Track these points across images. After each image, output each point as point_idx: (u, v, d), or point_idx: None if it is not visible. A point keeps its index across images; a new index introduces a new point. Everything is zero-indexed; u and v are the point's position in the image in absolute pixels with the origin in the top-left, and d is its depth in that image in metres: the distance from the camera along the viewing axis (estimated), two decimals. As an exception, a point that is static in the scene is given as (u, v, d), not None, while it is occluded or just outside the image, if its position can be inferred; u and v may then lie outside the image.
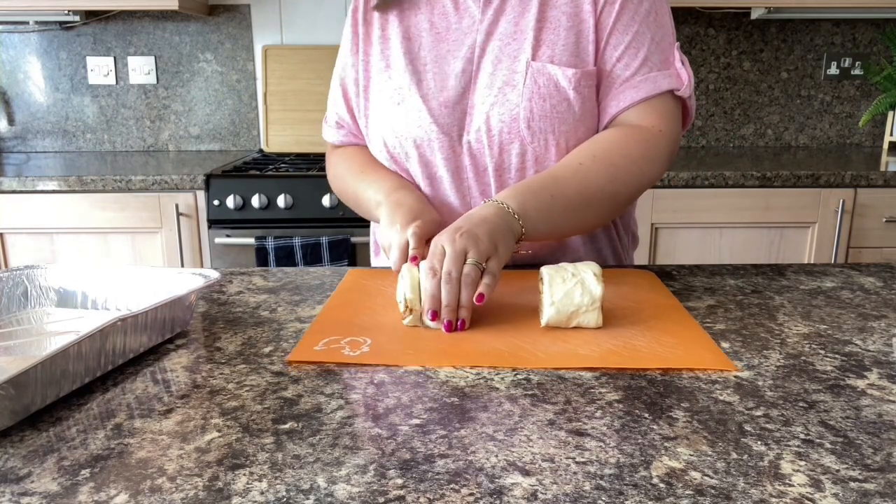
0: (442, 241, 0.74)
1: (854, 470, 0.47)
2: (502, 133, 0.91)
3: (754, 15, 2.42)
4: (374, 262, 1.12)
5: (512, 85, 0.90)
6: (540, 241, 0.92)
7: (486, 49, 0.92)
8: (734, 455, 0.49)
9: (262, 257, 1.99)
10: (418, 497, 0.44)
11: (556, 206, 0.83)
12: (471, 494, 0.44)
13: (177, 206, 2.01)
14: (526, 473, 0.47)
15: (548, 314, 0.71)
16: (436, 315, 0.71)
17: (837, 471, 0.47)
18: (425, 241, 0.79)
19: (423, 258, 0.76)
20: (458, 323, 0.72)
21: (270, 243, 1.98)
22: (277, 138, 2.51)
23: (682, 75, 0.91)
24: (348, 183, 1.02)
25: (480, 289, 0.72)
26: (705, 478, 0.46)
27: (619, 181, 0.88)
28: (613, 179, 0.87)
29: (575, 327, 0.72)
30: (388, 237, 0.84)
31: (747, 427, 0.53)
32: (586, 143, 0.90)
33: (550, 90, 0.89)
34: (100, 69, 2.52)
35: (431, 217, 0.86)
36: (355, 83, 1.00)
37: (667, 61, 0.92)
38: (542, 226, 0.83)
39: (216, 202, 2.00)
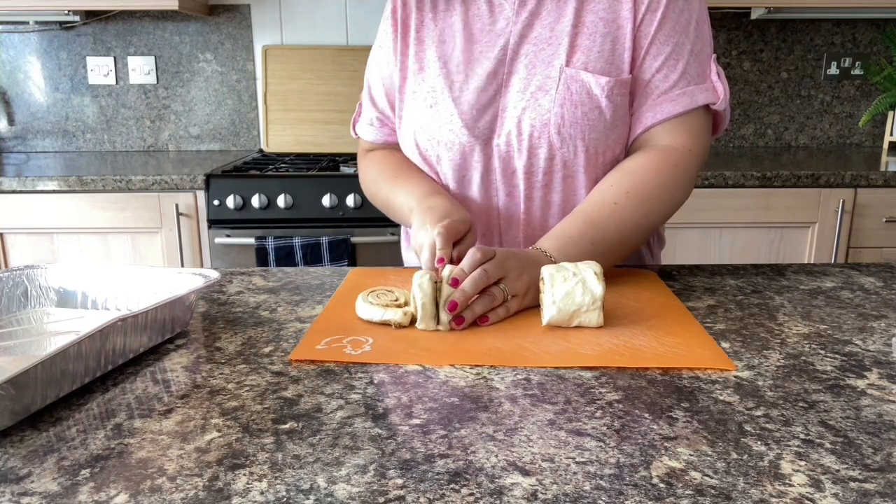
0: (493, 252, 0.77)
1: (854, 470, 0.47)
2: (532, 137, 0.91)
3: (754, 15, 2.42)
4: (407, 262, 1.13)
5: (545, 90, 0.90)
6: None
7: (518, 52, 0.92)
8: (734, 455, 0.49)
9: (262, 257, 1.99)
10: (418, 497, 0.44)
11: (597, 252, 0.85)
12: (471, 494, 0.44)
13: (177, 206, 2.01)
14: (526, 473, 0.47)
15: (549, 313, 0.71)
16: (455, 305, 0.72)
17: (837, 471, 0.47)
18: (453, 240, 0.80)
19: (449, 260, 0.77)
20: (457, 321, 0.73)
21: (270, 243, 1.98)
22: (277, 138, 2.51)
23: (717, 89, 0.92)
24: (381, 188, 1.01)
25: (490, 313, 0.75)
26: (705, 478, 0.46)
27: (654, 213, 0.90)
28: (648, 213, 0.89)
29: (576, 327, 0.72)
30: (419, 239, 0.84)
31: (747, 427, 0.53)
32: (617, 175, 0.90)
33: (583, 97, 0.89)
34: (100, 69, 2.52)
35: (461, 216, 0.84)
36: (396, 83, 0.99)
37: (704, 74, 0.92)
38: None
39: (216, 202, 2.00)
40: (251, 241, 1.99)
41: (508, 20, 0.93)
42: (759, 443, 0.51)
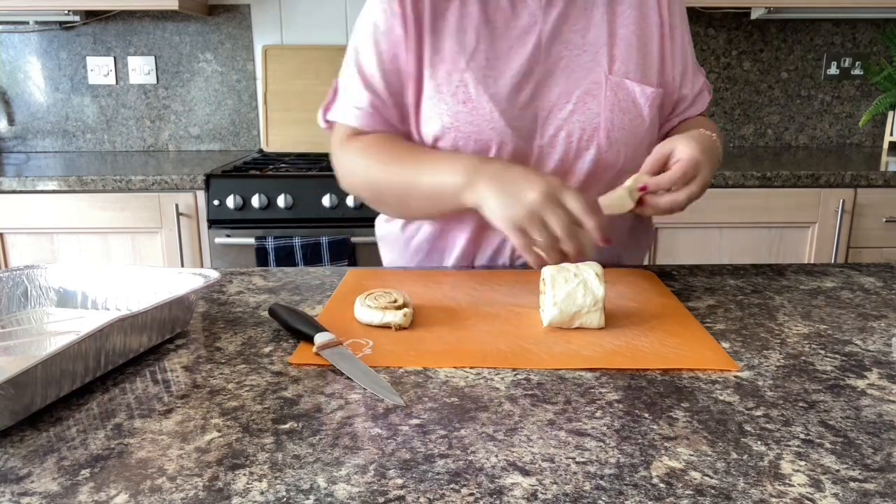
0: (698, 167, 0.83)
1: (854, 470, 0.47)
2: (581, 140, 0.92)
3: (754, 15, 2.42)
4: (388, 263, 1.10)
5: (592, 95, 0.92)
6: None
7: (551, 53, 0.92)
8: (734, 455, 0.49)
9: (262, 257, 1.99)
10: (418, 497, 0.44)
11: (712, 166, 0.88)
12: (471, 494, 0.44)
13: (177, 206, 2.01)
14: (526, 473, 0.47)
15: (550, 315, 0.71)
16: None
17: (837, 471, 0.47)
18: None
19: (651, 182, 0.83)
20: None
21: (270, 243, 1.98)
22: (277, 138, 2.51)
23: (705, 80, 1.04)
24: (390, 173, 0.91)
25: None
26: (705, 478, 0.46)
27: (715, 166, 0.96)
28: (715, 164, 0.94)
29: (577, 328, 0.72)
30: (542, 205, 0.75)
31: (747, 427, 0.53)
32: (700, 120, 0.99)
33: (629, 104, 0.92)
34: (100, 69, 2.52)
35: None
36: (405, 70, 0.93)
37: (699, 69, 1.03)
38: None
39: (216, 202, 2.00)
40: (251, 241, 1.99)
41: (535, 18, 0.92)
42: (759, 443, 0.51)
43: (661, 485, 0.45)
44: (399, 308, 0.73)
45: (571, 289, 0.70)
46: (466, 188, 0.82)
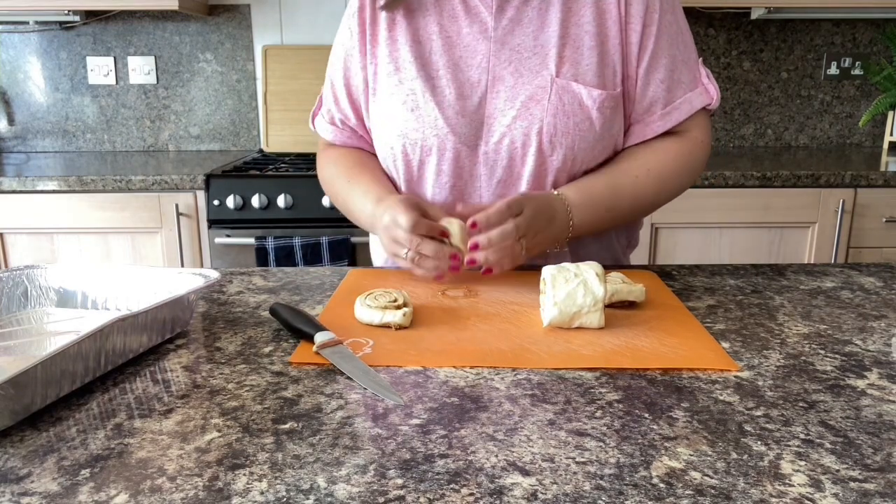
0: (522, 207, 0.83)
1: (854, 470, 0.47)
2: (525, 145, 0.91)
3: (754, 15, 2.42)
4: (377, 263, 1.12)
5: (536, 99, 0.90)
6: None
7: (501, 58, 0.92)
8: (734, 455, 0.49)
9: (262, 257, 1.99)
10: (418, 497, 0.44)
11: (606, 218, 0.92)
12: (471, 494, 0.44)
13: (177, 206, 2.01)
14: (526, 473, 0.47)
15: (550, 315, 0.71)
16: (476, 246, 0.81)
17: (837, 471, 0.47)
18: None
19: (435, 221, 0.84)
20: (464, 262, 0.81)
21: (270, 243, 1.98)
22: (277, 138, 2.51)
23: (710, 90, 0.96)
24: (339, 188, 1.01)
25: (496, 266, 0.82)
26: (705, 478, 0.46)
27: (664, 193, 0.96)
28: (660, 192, 0.95)
29: (577, 328, 0.72)
30: (389, 231, 0.85)
31: (747, 427, 0.53)
32: (643, 151, 0.95)
33: (574, 108, 0.90)
34: (100, 69, 2.52)
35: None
36: (364, 83, 0.98)
37: (696, 79, 0.96)
38: (585, 232, 0.92)
39: (216, 202, 2.00)
40: (251, 241, 1.99)
41: (486, 25, 0.92)
42: (759, 443, 0.51)
43: (661, 485, 0.45)
44: (399, 308, 0.73)
45: (571, 289, 0.70)
46: (373, 220, 0.92)
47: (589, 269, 0.72)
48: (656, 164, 0.93)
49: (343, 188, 1.00)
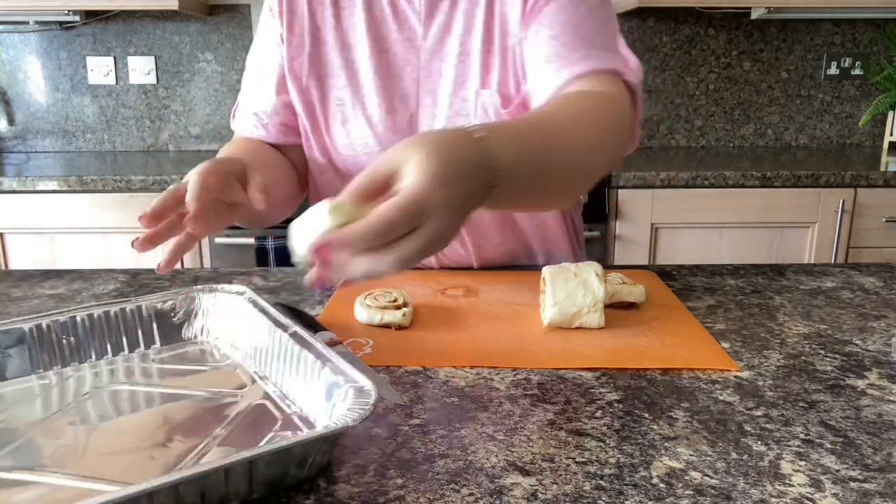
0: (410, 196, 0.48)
1: (854, 470, 0.47)
2: None
3: (754, 15, 2.42)
4: None
5: (463, 115, 0.84)
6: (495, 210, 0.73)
7: (431, 70, 0.86)
8: (734, 455, 0.49)
9: (262, 257, 1.99)
10: (418, 497, 0.44)
11: (548, 168, 0.62)
12: (471, 494, 0.44)
13: (177, 206, 2.00)
14: (526, 473, 0.47)
15: (550, 315, 0.71)
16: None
17: (837, 471, 0.47)
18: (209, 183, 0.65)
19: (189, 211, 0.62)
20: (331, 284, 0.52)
21: (270, 243, 1.98)
22: (277, 138, 2.50)
23: (628, 59, 0.80)
24: None
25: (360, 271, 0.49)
26: (705, 478, 0.46)
27: (602, 145, 0.71)
28: (597, 143, 0.70)
29: (577, 328, 0.72)
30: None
31: (747, 427, 0.53)
32: (558, 101, 0.72)
33: (502, 120, 0.82)
34: (100, 69, 2.52)
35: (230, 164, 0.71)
36: (278, 83, 0.90)
37: (612, 45, 0.81)
38: (511, 198, 0.60)
39: (216, 202, 2.00)
40: (251, 241, 1.99)
41: (415, 32, 0.86)
42: (759, 443, 0.51)
43: (661, 485, 0.45)
44: (399, 308, 0.73)
45: (571, 289, 0.70)
46: None
47: (589, 269, 0.72)
48: (581, 111, 0.70)
49: None
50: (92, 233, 2.04)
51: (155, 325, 0.66)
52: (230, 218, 0.70)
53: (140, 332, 0.65)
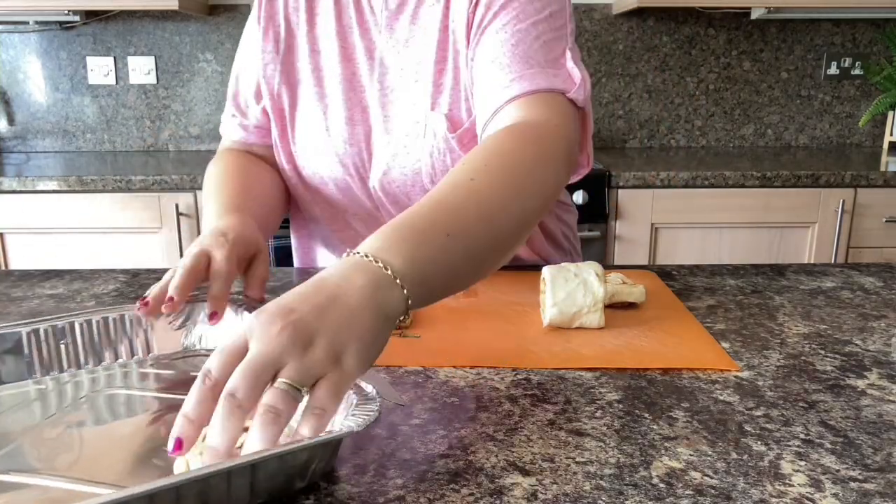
0: (250, 329, 0.44)
1: (854, 470, 0.47)
2: (406, 184, 0.84)
3: (754, 15, 2.42)
4: None
5: (413, 136, 0.82)
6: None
7: (385, 85, 0.83)
8: (734, 455, 0.49)
9: (262, 257, 1.99)
10: (418, 497, 0.44)
11: (457, 247, 0.55)
12: (471, 494, 0.44)
13: (177, 206, 2.01)
14: (526, 473, 0.47)
15: (550, 315, 0.71)
16: (180, 445, 0.41)
17: (837, 471, 0.47)
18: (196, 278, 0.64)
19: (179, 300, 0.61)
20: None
21: (270, 243, 1.98)
22: (277, 138, 2.50)
23: (573, 76, 0.75)
24: (206, 195, 0.85)
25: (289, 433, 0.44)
26: (705, 478, 0.46)
27: (524, 191, 0.64)
28: (517, 190, 0.63)
29: (577, 328, 0.72)
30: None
31: (747, 427, 0.53)
32: (471, 153, 0.67)
33: (451, 145, 0.80)
34: (100, 69, 2.52)
35: (241, 236, 0.70)
36: (257, 88, 0.91)
37: (556, 62, 0.76)
38: (439, 285, 0.55)
39: (216, 202, 2.00)
40: (251, 241, 1.98)
41: (375, 45, 0.84)
42: (759, 443, 0.51)
43: (661, 485, 0.45)
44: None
45: (571, 289, 0.70)
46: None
47: (589, 269, 0.72)
48: (493, 157, 0.65)
49: (208, 195, 0.83)
50: (92, 233, 2.04)
51: (153, 333, 0.66)
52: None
53: (138, 340, 0.65)
